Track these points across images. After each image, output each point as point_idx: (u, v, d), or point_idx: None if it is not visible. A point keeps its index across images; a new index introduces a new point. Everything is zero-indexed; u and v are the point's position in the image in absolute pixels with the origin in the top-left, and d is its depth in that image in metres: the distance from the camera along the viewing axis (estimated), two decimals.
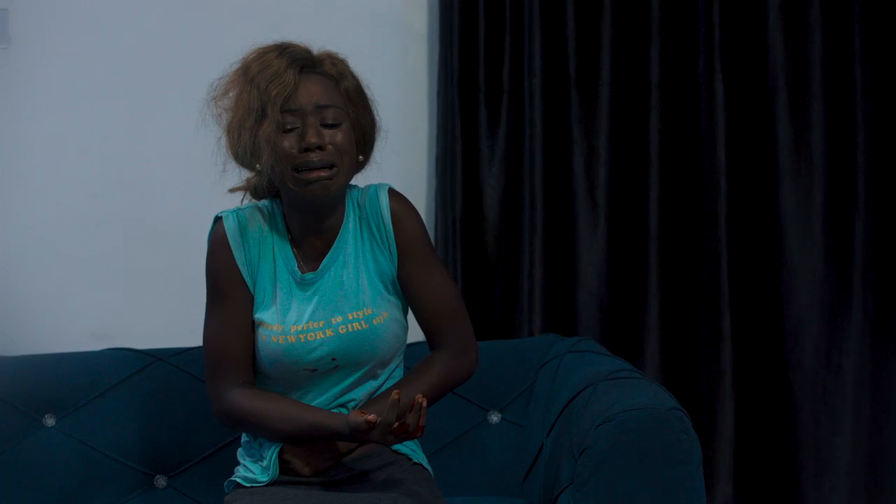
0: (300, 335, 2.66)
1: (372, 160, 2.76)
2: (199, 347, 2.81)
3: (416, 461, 2.74)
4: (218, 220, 2.73)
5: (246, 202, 2.79)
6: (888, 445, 3.71)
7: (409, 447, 2.75)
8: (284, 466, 2.65)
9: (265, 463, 2.65)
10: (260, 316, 2.70)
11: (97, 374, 3.11)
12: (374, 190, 2.73)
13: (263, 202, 2.76)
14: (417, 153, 3.72)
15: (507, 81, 3.66)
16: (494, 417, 3.21)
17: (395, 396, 2.46)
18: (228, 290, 2.70)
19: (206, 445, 3.10)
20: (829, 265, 3.68)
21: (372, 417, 2.48)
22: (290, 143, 2.59)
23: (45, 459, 3.03)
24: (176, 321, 3.28)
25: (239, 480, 2.69)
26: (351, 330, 2.67)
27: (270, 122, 2.56)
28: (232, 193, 2.80)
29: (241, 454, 2.77)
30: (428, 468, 2.77)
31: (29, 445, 3.03)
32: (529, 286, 3.63)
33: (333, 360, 2.67)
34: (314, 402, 2.70)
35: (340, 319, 2.67)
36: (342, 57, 2.72)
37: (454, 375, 2.74)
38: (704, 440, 3.64)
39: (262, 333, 2.69)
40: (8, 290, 3.61)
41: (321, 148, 2.59)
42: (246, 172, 2.76)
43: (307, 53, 2.66)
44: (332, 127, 2.62)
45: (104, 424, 3.07)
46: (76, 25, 3.63)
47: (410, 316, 2.79)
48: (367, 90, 2.72)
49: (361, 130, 2.70)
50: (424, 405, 2.48)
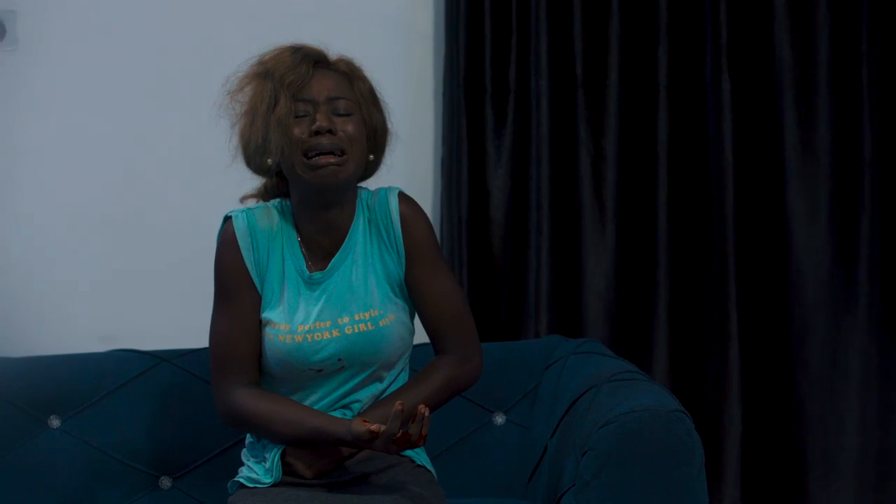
0: (307, 335, 2.67)
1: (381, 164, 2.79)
2: (204, 349, 2.81)
3: (419, 463, 2.75)
4: (228, 219, 2.74)
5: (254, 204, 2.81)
6: (895, 446, 3.70)
7: (412, 449, 2.75)
8: (287, 468, 2.66)
9: (268, 464, 2.66)
10: (267, 315, 2.70)
11: (103, 375, 3.12)
12: (384, 193, 2.74)
13: (273, 202, 2.77)
14: (423, 154, 3.71)
15: (513, 82, 3.65)
16: (499, 419, 3.21)
17: (398, 407, 2.47)
18: (236, 289, 2.71)
19: (211, 447, 3.11)
20: (835, 265, 3.66)
21: (375, 427, 2.49)
22: (300, 129, 2.62)
23: (50, 460, 3.04)
24: (182, 323, 3.28)
25: (242, 481, 2.70)
26: (357, 331, 2.67)
27: (283, 107, 2.60)
28: (243, 202, 2.82)
29: (245, 455, 2.77)
30: (431, 470, 2.77)
31: (34, 446, 3.04)
32: (536, 288, 3.63)
33: (339, 360, 2.67)
34: (319, 402, 2.70)
35: (347, 320, 2.68)
36: (357, 63, 2.76)
37: (458, 382, 2.75)
38: (712, 441, 3.63)
39: (269, 333, 2.69)
40: (14, 291, 3.61)
41: (332, 132, 2.62)
42: (257, 181, 2.79)
43: (320, 52, 2.71)
44: (343, 116, 2.65)
45: (109, 425, 3.09)
46: (83, 27, 3.63)
47: (417, 321, 2.80)
48: (379, 95, 2.76)
49: (372, 129, 2.72)
50: (427, 415, 2.49)
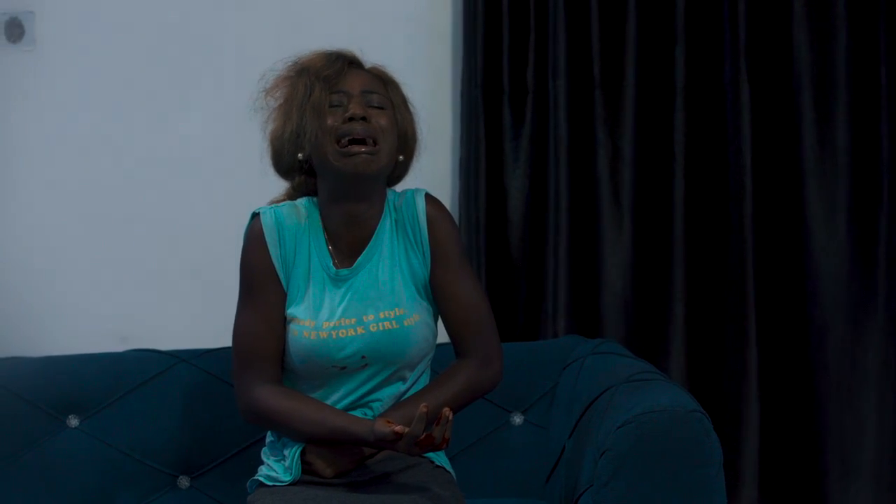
0: (332, 331, 2.67)
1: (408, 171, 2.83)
2: (223, 349, 2.82)
3: (438, 464, 2.75)
4: (255, 215, 2.75)
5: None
6: None
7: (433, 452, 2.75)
8: (306, 467, 2.66)
9: (287, 462, 2.66)
10: (292, 312, 2.71)
11: (121, 374, 3.13)
12: (410, 194, 2.76)
13: (300, 200, 2.78)
14: (441, 155, 3.72)
15: (531, 83, 3.65)
16: (517, 419, 3.21)
17: (422, 409, 2.47)
18: (262, 286, 2.72)
19: (229, 446, 3.11)
20: (854, 266, 3.65)
21: (399, 428, 2.49)
22: (334, 119, 2.66)
23: (68, 460, 3.05)
24: (200, 323, 3.29)
25: (262, 479, 2.70)
26: (382, 329, 2.68)
27: (318, 95, 2.65)
28: (265, 200, 2.84)
29: (265, 453, 2.78)
30: (450, 471, 2.77)
31: (53, 446, 3.05)
32: (554, 288, 3.62)
33: (363, 357, 2.68)
34: (340, 401, 2.71)
35: (372, 318, 2.68)
36: (389, 71, 2.80)
37: (478, 386, 2.75)
38: (730, 442, 3.62)
39: (293, 329, 2.70)
40: (34, 290, 3.62)
41: (365, 119, 2.65)
42: (280, 187, 2.81)
43: (357, 56, 2.77)
44: (377, 108, 2.69)
45: (128, 425, 3.09)
46: (101, 28, 3.64)
47: (440, 323, 2.81)
48: (411, 104, 2.80)
49: (403, 131, 2.76)
50: (451, 419, 2.49)
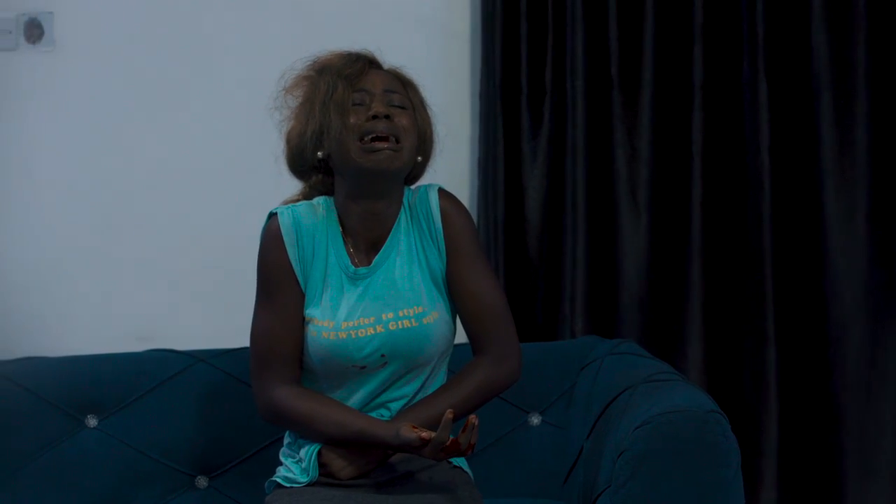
0: (351, 331, 2.67)
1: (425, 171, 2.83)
2: (241, 349, 2.83)
3: (455, 464, 2.74)
4: (272, 215, 2.75)
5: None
6: None
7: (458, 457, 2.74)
8: (323, 469, 2.66)
9: (304, 463, 2.66)
10: (311, 312, 2.71)
11: (139, 374, 3.13)
12: (423, 189, 2.77)
13: (317, 199, 2.78)
14: (459, 155, 3.72)
15: (549, 83, 3.65)
16: (535, 419, 3.21)
17: (448, 416, 2.46)
18: (279, 286, 2.72)
19: (247, 446, 3.11)
20: (872, 266, 3.64)
21: (426, 434, 2.48)
22: (357, 117, 2.66)
23: (86, 460, 3.05)
24: (219, 323, 3.30)
25: (279, 481, 2.70)
26: (401, 327, 2.67)
27: (342, 94, 2.65)
28: (280, 199, 2.84)
29: (283, 454, 2.78)
30: (468, 471, 2.77)
31: (71, 446, 3.06)
32: (571, 288, 3.62)
33: (382, 356, 2.67)
34: (361, 401, 2.71)
35: (391, 316, 2.68)
36: (407, 72, 2.81)
37: (494, 384, 2.73)
38: (749, 444, 3.61)
39: (312, 330, 2.70)
40: (53, 291, 3.63)
41: (388, 117, 2.65)
42: (294, 187, 2.81)
43: (375, 57, 2.77)
44: (398, 108, 2.69)
45: (146, 425, 3.09)
46: (120, 28, 3.64)
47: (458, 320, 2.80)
48: (429, 106, 2.80)
49: (422, 132, 2.76)
50: (477, 425, 2.48)
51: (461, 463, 2.76)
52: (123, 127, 3.64)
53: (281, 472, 2.73)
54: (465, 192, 3.71)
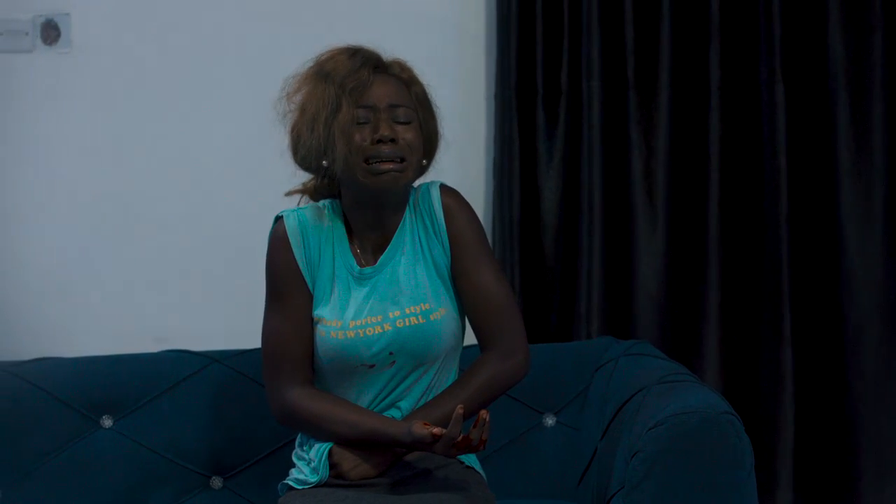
0: (358, 330, 2.68)
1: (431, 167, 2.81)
2: (256, 350, 2.82)
3: (468, 465, 2.74)
4: (279, 219, 2.76)
5: (303, 204, 2.83)
6: None
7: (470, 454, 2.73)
8: (333, 471, 2.66)
9: (314, 463, 2.66)
10: (319, 313, 2.72)
11: (154, 375, 3.14)
12: (425, 187, 2.77)
13: (323, 202, 2.79)
14: (475, 156, 3.71)
15: (564, 84, 3.64)
16: (549, 420, 3.21)
17: (458, 411, 2.46)
18: (288, 288, 2.73)
19: (262, 447, 3.12)
20: (889, 267, 3.63)
21: (437, 430, 2.49)
22: (362, 135, 2.64)
23: (102, 460, 3.06)
24: (234, 323, 3.29)
25: (291, 483, 2.70)
26: (409, 324, 2.68)
27: (346, 114, 2.63)
28: (288, 196, 2.84)
29: (295, 455, 2.78)
30: (480, 472, 2.77)
31: (86, 446, 3.06)
32: (587, 289, 3.62)
33: (391, 354, 2.68)
34: (370, 400, 2.71)
35: (398, 313, 2.68)
36: (410, 65, 2.77)
37: (502, 380, 2.72)
38: (765, 445, 3.61)
39: (320, 330, 2.71)
40: (67, 291, 3.64)
41: (393, 140, 2.64)
42: (302, 176, 2.80)
43: (378, 57, 2.73)
44: (403, 124, 2.67)
45: (161, 426, 3.10)
46: (137, 30, 3.65)
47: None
48: (432, 98, 2.78)
49: (427, 135, 2.74)
50: (488, 420, 2.48)
51: (473, 463, 2.76)
52: (139, 128, 3.65)
53: (293, 474, 2.73)
54: (480, 192, 3.71)
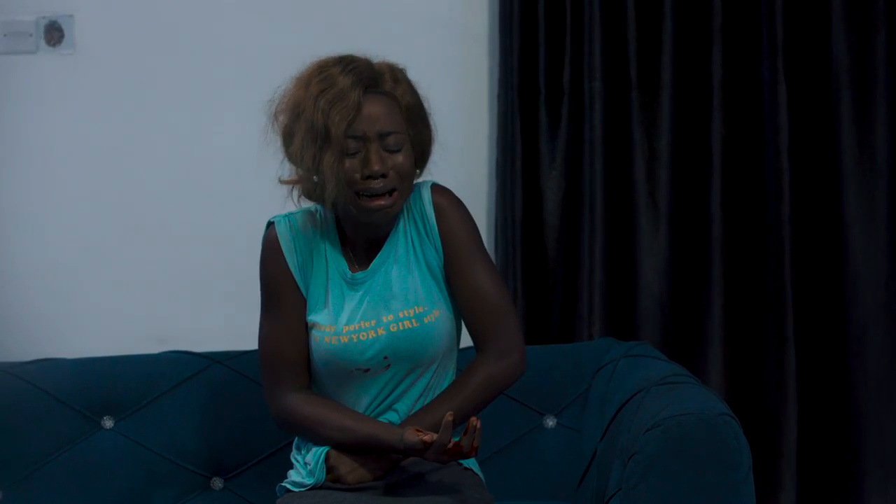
0: (352, 335, 2.67)
1: (428, 166, 2.80)
2: (256, 351, 2.83)
3: (466, 466, 2.74)
4: (270, 224, 2.77)
5: (296, 200, 2.78)
6: None
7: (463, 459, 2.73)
8: (330, 473, 2.65)
9: (311, 466, 2.67)
10: (313, 318, 2.72)
11: (155, 376, 3.15)
12: (417, 188, 2.75)
13: (315, 205, 2.78)
14: (477, 156, 3.71)
15: (567, 84, 3.64)
16: (550, 422, 3.21)
17: (448, 418, 2.46)
18: (281, 294, 2.74)
19: (262, 448, 3.12)
20: (892, 267, 3.61)
21: (428, 437, 2.48)
22: (352, 166, 2.61)
23: (102, 461, 3.07)
24: (235, 324, 3.29)
25: (288, 486, 2.71)
26: (403, 328, 2.67)
27: (334, 151, 2.58)
28: (283, 185, 2.79)
29: (293, 457, 2.78)
30: (479, 473, 2.76)
31: (87, 447, 3.07)
32: (589, 290, 3.61)
33: (385, 358, 2.68)
34: (367, 403, 2.71)
35: (392, 318, 2.68)
36: (401, 67, 2.73)
37: (498, 380, 2.70)
38: (768, 446, 3.60)
39: (315, 335, 2.71)
40: (69, 292, 3.65)
41: (384, 175, 2.62)
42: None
43: (368, 69, 2.66)
44: (394, 152, 2.63)
45: (162, 426, 3.11)
46: (140, 31, 3.66)
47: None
48: (425, 103, 2.74)
49: (421, 148, 2.73)
50: (479, 427, 2.48)
51: (472, 465, 2.75)
52: (142, 130, 3.66)
53: (291, 476, 2.73)
54: (482, 193, 3.71)
